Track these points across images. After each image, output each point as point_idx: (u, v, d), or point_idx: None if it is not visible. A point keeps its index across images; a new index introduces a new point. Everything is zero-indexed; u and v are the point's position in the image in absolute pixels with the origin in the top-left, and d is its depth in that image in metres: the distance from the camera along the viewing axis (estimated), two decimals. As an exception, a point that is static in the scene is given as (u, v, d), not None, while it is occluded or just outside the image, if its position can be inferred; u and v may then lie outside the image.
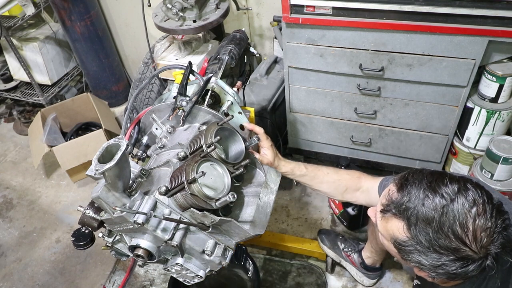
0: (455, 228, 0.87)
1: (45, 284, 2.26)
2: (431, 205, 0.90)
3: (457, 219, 0.88)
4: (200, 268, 1.19)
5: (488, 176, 1.89)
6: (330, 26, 1.81)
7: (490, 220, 0.88)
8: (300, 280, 2.08)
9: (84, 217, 1.13)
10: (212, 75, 1.25)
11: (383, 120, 2.09)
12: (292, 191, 2.48)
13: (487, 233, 0.88)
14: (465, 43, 1.68)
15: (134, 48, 3.19)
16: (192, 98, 1.21)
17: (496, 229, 0.88)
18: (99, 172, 0.91)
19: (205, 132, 1.10)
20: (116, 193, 1.01)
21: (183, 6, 2.05)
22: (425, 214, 0.90)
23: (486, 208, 0.89)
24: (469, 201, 0.89)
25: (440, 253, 0.89)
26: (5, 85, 3.12)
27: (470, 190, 0.91)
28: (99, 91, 3.22)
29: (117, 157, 0.92)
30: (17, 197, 2.75)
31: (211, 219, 1.06)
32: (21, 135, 3.23)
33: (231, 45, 1.46)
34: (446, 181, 0.92)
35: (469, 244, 0.88)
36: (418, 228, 0.91)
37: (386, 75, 1.89)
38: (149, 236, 1.08)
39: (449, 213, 0.88)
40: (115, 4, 2.96)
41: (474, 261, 0.89)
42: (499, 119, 1.89)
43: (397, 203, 0.95)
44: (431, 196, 0.91)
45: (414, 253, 0.93)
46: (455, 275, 0.91)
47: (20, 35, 2.95)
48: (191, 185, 1.00)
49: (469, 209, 0.88)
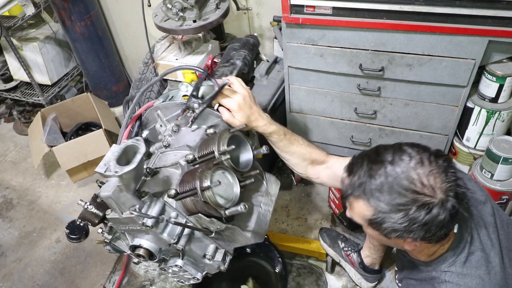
0: (402, 183, 0.96)
1: (45, 284, 2.26)
2: (376, 174, 0.99)
3: (401, 175, 0.96)
4: (198, 271, 1.20)
5: (488, 176, 1.89)
6: (330, 26, 1.81)
7: (430, 165, 0.97)
8: (300, 280, 2.08)
9: (86, 213, 1.10)
10: (228, 82, 1.22)
11: (383, 120, 2.09)
12: (292, 191, 2.48)
13: (432, 176, 0.96)
14: (465, 43, 1.68)
15: (134, 48, 3.19)
16: (205, 102, 1.18)
17: (439, 169, 0.96)
18: (119, 175, 0.90)
19: (218, 139, 1.09)
20: (127, 194, 0.99)
21: (183, 6, 2.05)
22: (375, 183, 0.98)
23: (423, 158, 0.98)
24: (406, 158, 0.98)
25: (403, 210, 0.96)
26: (5, 85, 3.12)
27: (405, 149, 1.00)
28: (99, 91, 3.22)
29: (137, 160, 0.92)
30: (17, 197, 2.75)
31: (218, 226, 1.07)
32: (21, 135, 3.23)
33: (244, 51, 1.44)
34: (383, 150, 1.03)
35: (421, 191, 0.95)
36: (375, 198, 0.98)
37: (386, 75, 1.89)
38: (152, 237, 1.08)
39: (392, 173, 0.97)
40: (115, 4, 2.96)
41: (435, 204, 0.95)
42: (499, 119, 1.89)
43: (351, 185, 1.04)
44: (374, 167, 1.00)
45: (385, 222, 0.99)
46: (429, 224, 0.96)
47: (20, 35, 2.95)
48: (204, 192, 1.00)
49: (408, 163, 0.97)
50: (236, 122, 1.20)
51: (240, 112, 1.20)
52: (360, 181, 1.01)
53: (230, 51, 1.51)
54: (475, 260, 1.07)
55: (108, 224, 1.15)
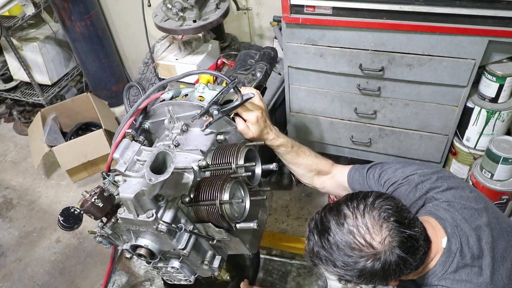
0: (346, 249, 1.01)
1: (45, 284, 2.26)
2: (324, 244, 1.04)
3: (343, 240, 1.01)
4: (191, 274, 1.23)
5: (488, 176, 1.89)
6: (330, 26, 1.81)
7: (367, 221, 1.01)
8: (300, 280, 2.08)
9: (92, 206, 1.04)
10: (253, 96, 1.20)
11: (383, 120, 2.09)
12: (292, 191, 2.48)
13: (369, 235, 1.00)
14: (465, 43, 1.68)
15: (134, 48, 3.19)
16: (226, 110, 1.18)
17: (375, 222, 1.00)
18: (153, 183, 0.90)
19: (236, 151, 1.10)
20: (148, 198, 0.99)
21: (183, 6, 2.05)
22: (325, 253, 1.04)
23: (357, 216, 1.02)
24: (344, 221, 1.03)
25: (358, 268, 1.01)
26: (5, 85, 3.12)
27: (341, 211, 1.04)
28: (99, 91, 3.22)
29: (171, 170, 0.92)
30: (17, 197, 2.76)
31: (224, 236, 1.10)
32: (21, 135, 3.23)
33: (265, 64, 1.43)
34: (325, 218, 1.06)
35: (364, 249, 0.99)
36: (330, 264, 1.04)
37: (386, 75, 1.89)
38: (157, 239, 1.08)
39: (337, 240, 1.02)
40: (115, 4, 2.96)
41: (381, 255, 0.99)
42: (499, 119, 1.89)
43: (310, 255, 1.10)
44: (322, 237, 1.05)
45: (353, 279, 1.04)
46: (391, 266, 1.00)
47: (20, 35, 2.95)
48: (223, 205, 1.02)
49: (347, 226, 1.02)
50: (249, 134, 1.23)
51: (256, 125, 1.23)
52: (315, 251, 1.07)
53: (247, 58, 1.49)
54: (465, 273, 1.06)
55: (111, 220, 1.12)
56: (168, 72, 2.32)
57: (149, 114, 1.28)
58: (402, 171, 1.27)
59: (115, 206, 1.08)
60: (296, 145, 1.37)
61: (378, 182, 1.29)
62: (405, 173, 1.26)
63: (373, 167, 1.33)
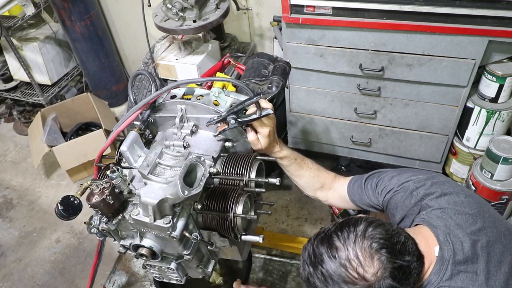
0: (338, 280, 1.00)
1: (45, 284, 2.26)
2: (318, 275, 1.03)
3: (335, 272, 1.01)
4: (183, 275, 1.24)
5: (488, 176, 1.89)
6: (330, 26, 1.81)
7: (358, 252, 1.00)
8: (300, 280, 2.08)
9: (102, 202, 0.99)
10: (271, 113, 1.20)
11: (383, 120, 2.09)
12: (292, 191, 2.48)
13: (361, 268, 0.99)
14: (465, 43, 1.68)
15: (134, 48, 3.19)
16: (243, 122, 1.17)
17: (366, 252, 0.99)
18: (187, 196, 0.89)
19: (249, 164, 1.12)
20: (169, 205, 0.98)
21: (183, 6, 2.05)
22: (320, 284, 1.03)
23: (348, 248, 1.01)
24: (335, 253, 1.02)
25: None
26: (5, 85, 3.12)
27: (333, 243, 1.03)
28: (99, 91, 3.22)
29: (203, 183, 0.91)
30: (17, 197, 2.76)
31: (225, 245, 1.12)
32: (21, 135, 3.23)
33: (282, 79, 1.43)
34: (317, 250, 1.05)
35: (355, 281, 0.99)
36: None
37: (386, 75, 1.89)
38: (163, 242, 1.07)
39: (330, 272, 1.01)
40: (115, 4, 2.96)
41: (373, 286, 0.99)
42: (499, 119, 1.89)
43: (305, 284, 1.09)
44: (315, 269, 1.04)
45: None
46: None
47: (20, 35, 2.95)
48: (236, 218, 1.04)
49: (338, 259, 1.01)
50: (258, 146, 1.25)
51: (266, 138, 1.24)
52: (311, 281, 1.06)
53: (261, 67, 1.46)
54: (460, 280, 1.07)
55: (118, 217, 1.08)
56: (168, 72, 2.32)
57: (157, 107, 1.25)
58: (398, 179, 1.28)
59: None
60: (299, 157, 1.39)
61: (375, 191, 1.31)
62: (400, 180, 1.27)
63: (371, 177, 1.35)
